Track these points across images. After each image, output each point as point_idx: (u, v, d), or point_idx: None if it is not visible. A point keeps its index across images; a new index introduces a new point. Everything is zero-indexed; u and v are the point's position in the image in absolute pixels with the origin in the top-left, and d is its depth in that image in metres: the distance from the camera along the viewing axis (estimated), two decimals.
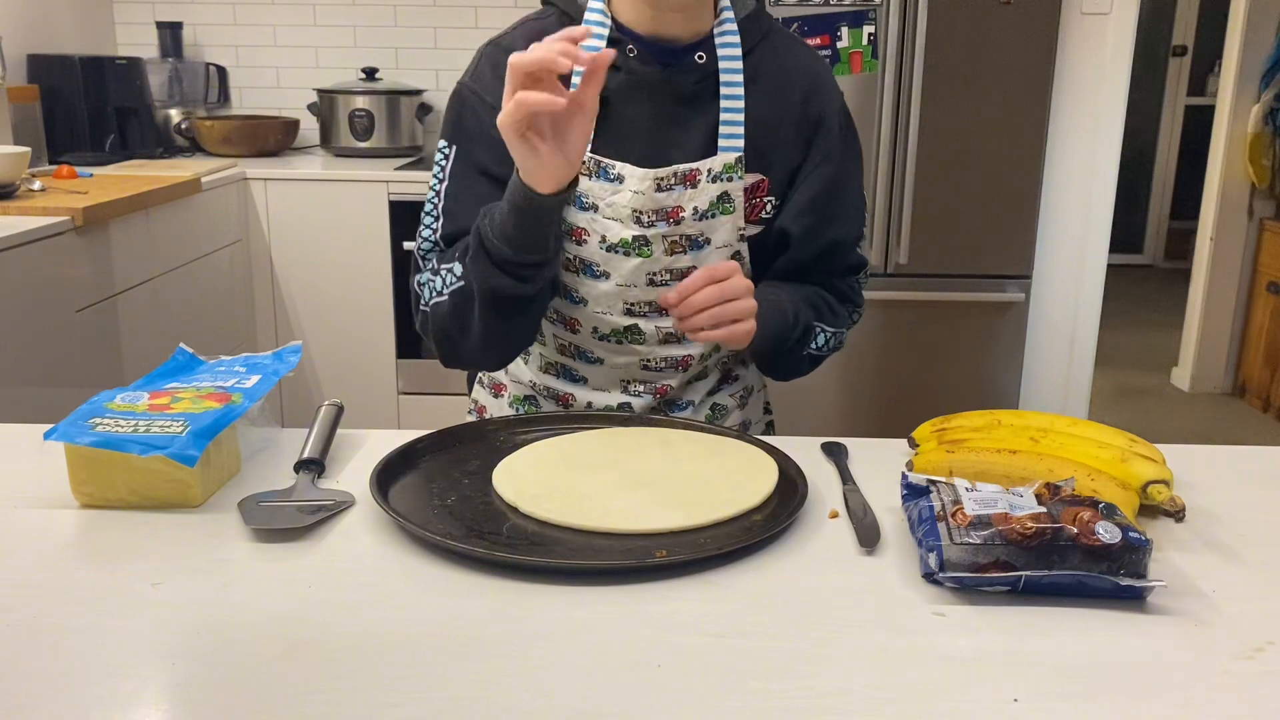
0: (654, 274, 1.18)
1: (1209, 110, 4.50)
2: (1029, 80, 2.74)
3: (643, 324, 1.21)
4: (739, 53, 1.16)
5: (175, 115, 3.32)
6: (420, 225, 1.19)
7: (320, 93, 3.29)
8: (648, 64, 1.14)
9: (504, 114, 0.93)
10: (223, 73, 3.45)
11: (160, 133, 3.30)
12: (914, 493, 0.86)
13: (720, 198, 1.16)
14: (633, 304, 1.19)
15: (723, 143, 1.16)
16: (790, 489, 0.94)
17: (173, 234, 2.60)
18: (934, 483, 0.85)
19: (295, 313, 3.03)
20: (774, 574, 0.81)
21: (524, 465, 0.98)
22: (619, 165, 1.14)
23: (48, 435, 0.89)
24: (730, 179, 1.16)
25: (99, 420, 0.92)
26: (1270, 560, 0.85)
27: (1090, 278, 3.05)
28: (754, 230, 1.21)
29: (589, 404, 1.26)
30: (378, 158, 3.25)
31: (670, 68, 1.15)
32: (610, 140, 1.14)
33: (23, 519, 0.89)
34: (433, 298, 1.14)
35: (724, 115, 1.15)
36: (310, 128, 3.40)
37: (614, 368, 1.25)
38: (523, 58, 0.90)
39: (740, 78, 1.16)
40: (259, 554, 0.83)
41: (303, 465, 0.97)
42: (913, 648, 0.71)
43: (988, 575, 0.76)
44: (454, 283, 1.11)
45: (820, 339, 1.23)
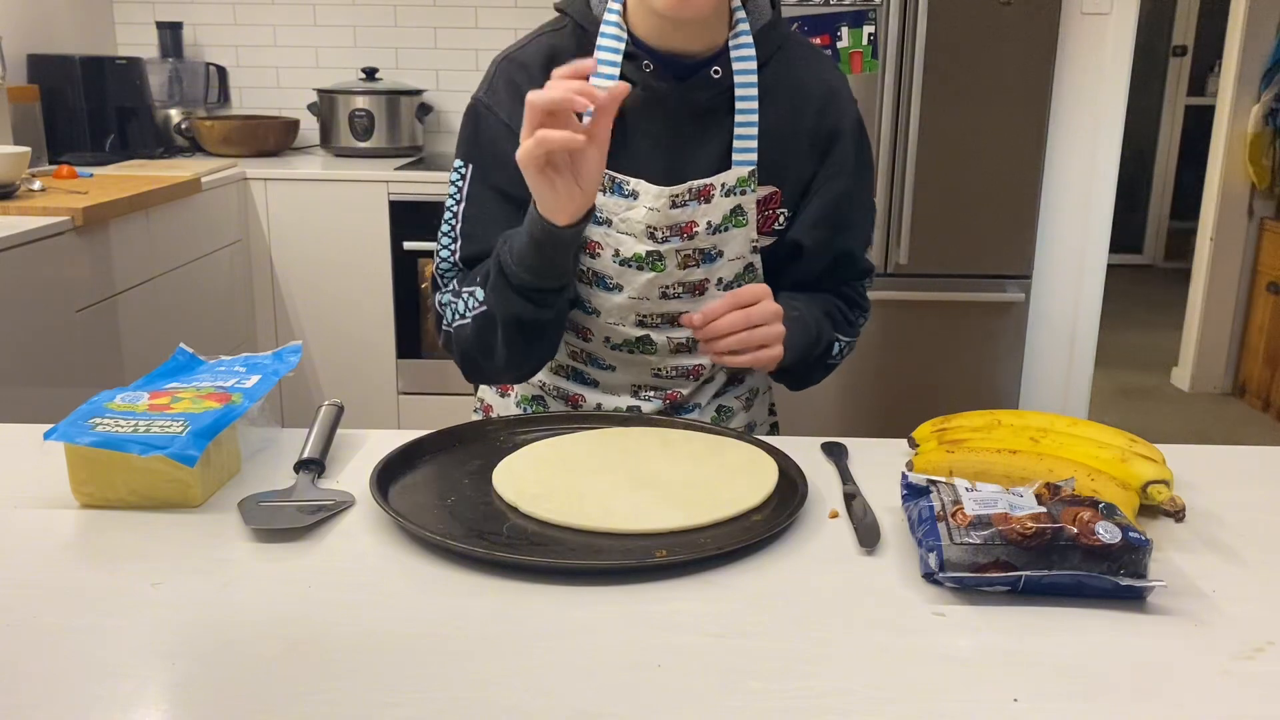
0: (666, 287, 1.18)
1: (1209, 110, 4.50)
2: (1029, 80, 2.74)
3: (654, 335, 1.21)
4: (754, 66, 1.15)
5: (175, 115, 3.32)
6: (438, 245, 1.20)
7: (320, 93, 3.28)
8: (663, 79, 1.13)
9: (523, 151, 0.94)
10: (223, 73, 3.44)
11: (160, 133, 3.30)
12: (914, 493, 0.86)
13: (734, 211, 1.16)
14: (645, 316, 1.20)
15: (736, 156, 1.15)
16: (790, 489, 0.94)
17: (173, 234, 2.60)
18: (934, 483, 0.85)
19: (295, 313, 3.03)
20: (774, 574, 0.81)
21: (524, 465, 0.98)
22: (633, 181, 1.14)
23: (48, 435, 0.89)
24: (744, 192, 1.16)
25: (99, 420, 0.92)
26: (1270, 560, 0.85)
27: (1090, 278, 3.05)
28: (767, 241, 1.21)
29: (598, 405, 1.26)
30: (378, 158, 3.25)
31: (685, 83, 1.14)
32: (625, 156, 1.14)
33: (23, 519, 0.89)
34: (455, 320, 1.15)
35: (738, 129, 1.15)
36: (310, 128, 3.40)
37: (625, 375, 1.25)
38: (541, 96, 0.91)
39: (755, 91, 1.15)
40: (259, 554, 0.83)
41: (303, 465, 0.98)
42: (913, 648, 0.71)
43: (988, 575, 0.76)
44: (476, 307, 1.12)
45: (836, 348, 1.24)
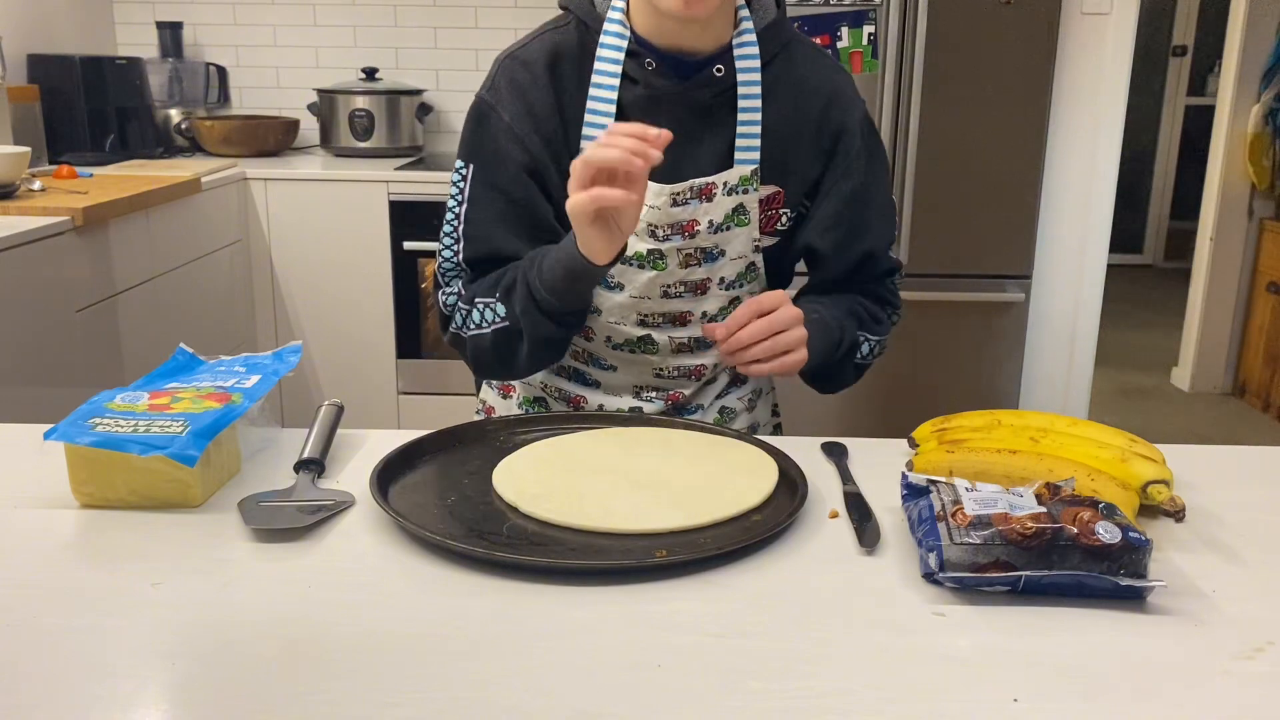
0: (668, 286, 1.18)
1: (1209, 110, 4.50)
2: (1029, 80, 2.74)
3: (656, 334, 1.21)
4: (757, 64, 1.15)
5: (175, 115, 3.32)
6: (440, 244, 1.20)
7: (320, 93, 3.28)
8: (666, 78, 1.13)
9: (577, 205, 0.97)
10: (223, 73, 3.44)
11: (160, 133, 3.30)
12: (914, 493, 0.86)
13: (736, 210, 1.16)
14: (646, 315, 1.19)
15: (739, 155, 1.15)
16: (790, 489, 0.94)
17: (173, 234, 2.60)
18: (934, 483, 0.85)
19: (295, 313, 3.03)
20: (774, 574, 0.81)
21: (524, 465, 0.98)
22: None
23: (48, 435, 0.89)
24: (746, 191, 1.16)
25: (99, 420, 0.92)
26: (1270, 560, 0.85)
27: (1090, 278, 3.05)
28: (769, 241, 1.21)
29: (600, 407, 1.26)
30: (378, 158, 3.24)
31: (688, 81, 1.13)
32: None
33: (23, 519, 0.89)
34: (471, 329, 1.16)
35: (740, 128, 1.15)
36: (310, 128, 3.40)
37: (627, 375, 1.25)
38: (599, 154, 0.94)
39: (758, 90, 1.15)
40: (259, 554, 0.83)
41: (303, 465, 0.97)
42: (913, 648, 0.71)
43: (988, 575, 0.76)
44: (497, 322, 1.13)
45: (865, 348, 1.23)
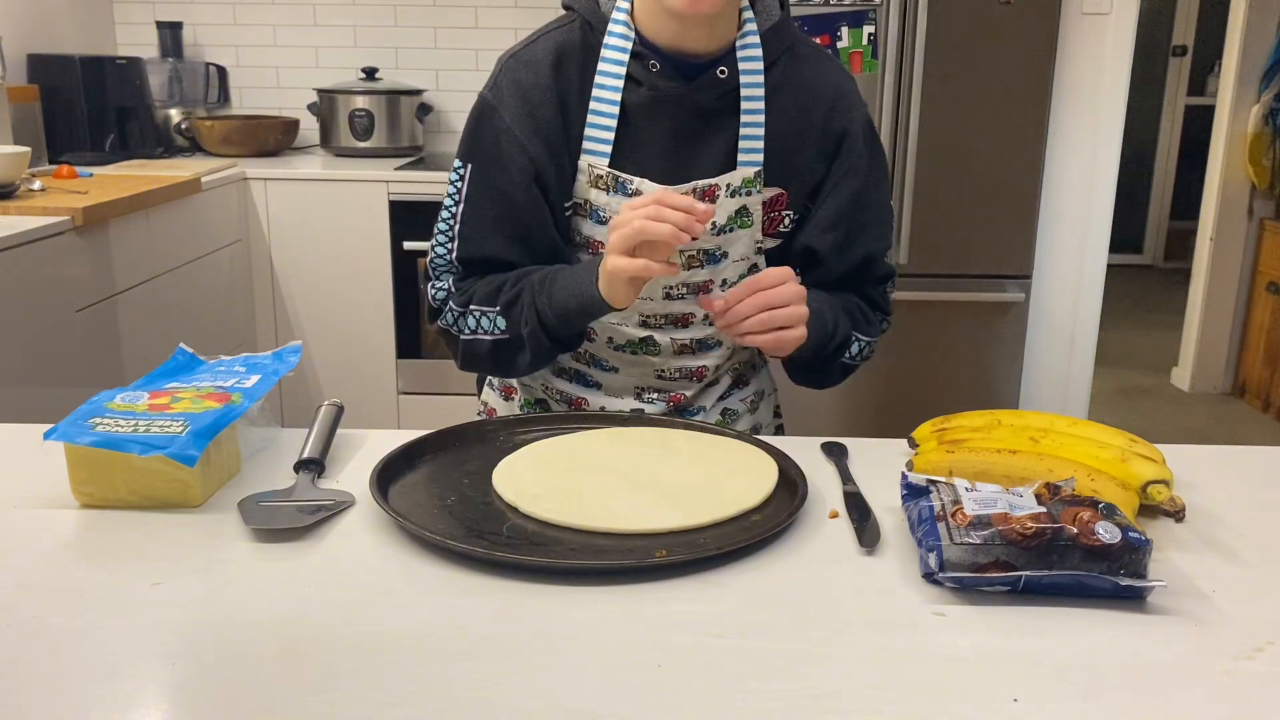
0: (670, 288, 1.18)
1: (1209, 110, 4.50)
2: (1029, 80, 2.74)
3: (658, 336, 1.21)
4: (760, 66, 1.14)
5: (175, 115, 3.31)
6: (434, 239, 1.20)
7: (320, 93, 3.28)
8: (670, 79, 1.13)
9: (619, 269, 1.00)
10: (223, 73, 3.44)
11: (160, 133, 3.30)
12: (914, 493, 0.86)
13: (739, 212, 1.16)
14: (648, 316, 1.20)
15: (742, 157, 1.15)
16: (790, 489, 0.94)
17: (173, 234, 2.60)
18: (934, 483, 0.85)
19: (295, 313, 3.03)
20: (774, 574, 0.81)
21: (524, 465, 0.98)
22: (637, 180, 1.14)
23: (48, 435, 0.89)
24: (749, 193, 1.16)
25: (99, 420, 0.92)
26: (1270, 560, 0.85)
27: (1090, 278, 3.05)
28: (772, 243, 1.21)
29: (601, 408, 1.25)
30: (378, 158, 3.24)
31: (692, 83, 1.13)
32: (630, 156, 1.14)
33: (23, 519, 0.89)
34: (465, 333, 1.17)
35: (744, 130, 1.15)
36: (310, 128, 3.40)
37: (629, 376, 1.25)
38: (650, 229, 0.97)
39: (761, 92, 1.14)
40: (259, 554, 0.83)
41: (303, 465, 0.98)
42: (913, 648, 0.71)
43: (988, 575, 0.76)
44: (497, 334, 1.15)
45: (855, 347, 1.23)
